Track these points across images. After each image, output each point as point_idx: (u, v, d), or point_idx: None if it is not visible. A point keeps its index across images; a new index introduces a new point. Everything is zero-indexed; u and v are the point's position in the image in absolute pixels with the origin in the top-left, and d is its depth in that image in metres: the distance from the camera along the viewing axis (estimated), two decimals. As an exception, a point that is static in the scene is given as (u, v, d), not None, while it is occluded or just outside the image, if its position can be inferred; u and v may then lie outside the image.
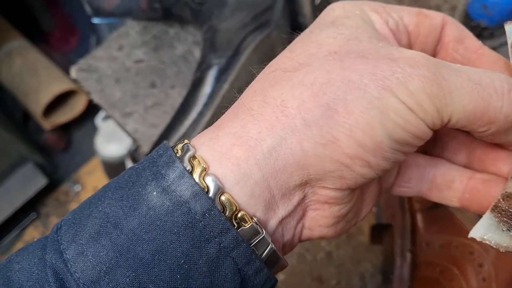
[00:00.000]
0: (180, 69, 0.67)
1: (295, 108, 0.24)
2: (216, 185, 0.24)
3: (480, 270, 0.43)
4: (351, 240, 0.57)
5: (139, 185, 0.24)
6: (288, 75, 0.25)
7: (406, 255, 0.47)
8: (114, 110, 0.65)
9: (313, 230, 0.28)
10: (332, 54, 0.25)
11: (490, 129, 0.25)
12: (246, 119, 0.25)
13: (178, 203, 0.23)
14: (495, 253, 0.44)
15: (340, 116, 0.24)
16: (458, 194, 0.30)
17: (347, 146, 0.24)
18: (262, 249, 0.25)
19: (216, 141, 0.25)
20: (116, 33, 0.71)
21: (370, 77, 0.24)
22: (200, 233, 0.23)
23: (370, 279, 0.55)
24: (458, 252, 0.44)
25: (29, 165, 1.48)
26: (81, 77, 0.68)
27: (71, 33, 1.70)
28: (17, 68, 1.53)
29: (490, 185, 0.29)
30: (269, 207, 0.25)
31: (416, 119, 0.24)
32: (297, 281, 0.56)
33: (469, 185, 0.29)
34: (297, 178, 0.25)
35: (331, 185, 0.26)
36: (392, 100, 0.23)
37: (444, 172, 0.30)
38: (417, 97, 0.23)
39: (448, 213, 0.46)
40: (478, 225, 0.26)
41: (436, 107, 0.24)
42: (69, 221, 0.25)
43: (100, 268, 0.23)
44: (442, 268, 0.45)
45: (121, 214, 0.23)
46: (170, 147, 0.25)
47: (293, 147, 0.24)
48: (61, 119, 1.60)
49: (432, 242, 0.46)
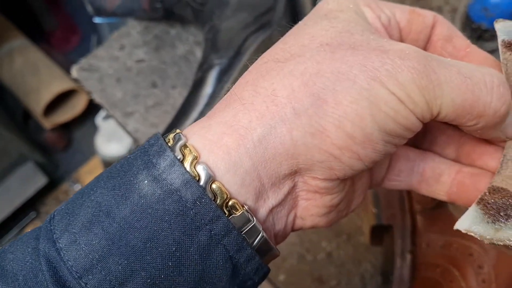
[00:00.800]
0: (181, 69, 0.67)
1: (285, 98, 0.24)
2: (207, 173, 0.24)
3: (480, 272, 0.43)
4: (352, 240, 0.57)
5: (131, 174, 0.24)
6: (280, 65, 0.25)
7: (406, 256, 0.47)
8: (115, 110, 0.65)
9: (305, 219, 0.28)
10: (323, 46, 0.25)
11: (479, 124, 0.25)
12: (237, 108, 0.25)
13: (169, 191, 0.23)
14: (495, 255, 0.44)
15: (329, 107, 0.24)
16: (446, 188, 0.30)
17: (336, 137, 0.24)
18: (253, 237, 0.25)
19: (207, 130, 0.25)
20: (117, 33, 0.71)
21: (360, 68, 0.24)
22: (191, 220, 0.23)
23: (370, 280, 0.55)
24: (458, 253, 0.45)
25: (29, 164, 1.48)
26: (82, 76, 0.68)
27: (72, 32, 1.70)
28: (18, 67, 1.53)
29: (478, 179, 0.29)
30: (259, 196, 0.25)
31: (406, 110, 0.24)
32: (297, 281, 0.56)
33: (456, 179, 0.30)
34: (286, 167, 0.25)
35: (320, 175, 0.26)
36: (382, 91, 0.23)
37: (433, 166, 0.30)
38: (407, 88, 0.23)
39: (448, 214, 0.46)
40: (464, 217, 0.27)
41: (426, 99, 0.24)
42: (62, 211, 0.25)
43: (93, 256, 0.23)
44: (442, 269, 0.45)
45: (113, 203, 0.24)
46: (161, 136, 0.25)
47: (282, 136, 0.24)
48: (61, 118, 1.60)
49: (432, 243, 0.46)
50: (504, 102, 0.25)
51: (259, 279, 0.26)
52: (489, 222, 0.26)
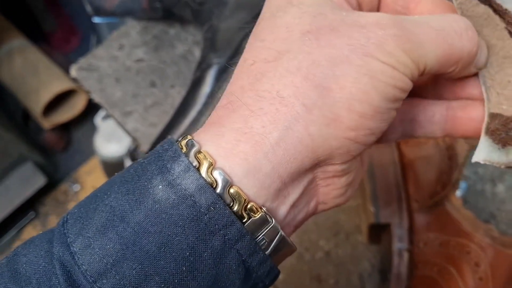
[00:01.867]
0: (180, 68, 0.67)
1: (292, 96, 0.24)
2: (224, 178, 0.24)
3: (477, 270, 0.44)
4: (350, 239, 0.57)
5: (145, 179, 0.24)
6: (272, 65, 0.25)
7: (403, 254, 0.47)
8: (114, 109, 0.66)
9: (327, 203, 0.29)
10: (306, 35, 0.25)
11: (457, 67, 0.27)
12: (246, 115, 0.25)
13: (183, 197, 0.23)
14: (492, 252, 0.44)
15: (335, 93, 0.24)
16: (440, 126, 0.31)
17: (349, 119, 0.25)
18: (272, 236, 0.25)
19: (220, 137, 0.25)
20: (117, 33, 0.71)
21: (349, 48, 0.25)
22: (205, 226, 0.23)
23: (368, 278, 0.55)
24: (455, 251, 0.45)
25: (29, 164, 1.48)
26: (81, 76, 0.69)
27: (72, 33, 1.71)
28: (17, 67, 1.53)
29: (468, 110, 0.30)
30: (279, 195, 0.26)
31: (400, 74, 0.25)
32: (296, 281, 0.56)
33: (449, 115, 0.31)
34: (308, 164, 0.25)
35: (339, 161, 0.26)
36: (376, 63, 0.24)
37: (423, 110, 0.31)
38: (395, 55, 0.25)
39: (445, 212, 0.46)
40: (478, 150, 0.28)
41: (412, 59, 0.25)
42: (75, 215, 0.25)
43: (107, 260, 0.23)
44: (439, 267, 0.45)
45: (127, 208, 0.24)
46: (175, 141, 0.25)
47: (299, 134, 0.24)
48: (60, 119, 1.60)
49: (429, 241, 0.47)
50: (474, 43, 0.27)
51: (269, 281, 0.27)
52: (500, 148, 0.28)
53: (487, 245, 0.44)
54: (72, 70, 0.69)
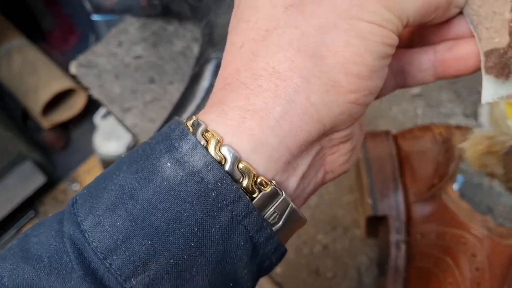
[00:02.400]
0: (178, 65, 0.68)
1: (288, 70, 0.25)
2: (233, 154, 0.24)
3: (474, 260, 0.44)
4: (347, 233, 0.57)
5: (153, 157, 0.25)
6: (262, 44, 0.26)
7: (401, 246, 0.48)
8: (113, 105, 0.66)
9: (334, 171, 0.29)
10: (289, 9, 0.26)
11: (438, 13, 0.28)
12: (246, 93, 0.25)
13: (191, 173, 0.24)
14: (488, 244, 0.44)
15: (330, 60, 0.25)
16: (430, 72, 0.31)
17: (347, 83, 0.25)
18: (283, 209, 0.26)
19: (224, 115, 0.25)
20: (116, 30, 0.72)
21: (334, 14, 0.25)
22: (213, 201, 0.24)
23: (366, 272, 0.55)
24: (452, 242, 0.45)
25: (28, 163, 1.48)
26: (80, 72, 0.69)
27: (70, 32, 1.71)
28: (16, 66, 1.53)
29: (456, 49, 0.30)
30: (289, 167, 0.26)
31: (387, 31, 0.25)
32: (294, 274, 0.56)
33: (437, 59, 0.31)
34: (315, 134, 0.26)
35: (343, 126, 0.27)
36: (363, 24, 0.25)
37: (410, 59, 0.31)
38: (379, 13, 0.25)
39: (442, 204, 0.47)
40: (484, 91, 0.28)
41: (396, 15, 0.26)
42: (84, 195, 0.25)
43: (117, 237, 0.23)
44: (436, 258, 0.46)
45: (136, 186, 0.24)
46: (182, 121, 0.26)
47: (302, 105, 0.25)
48: (60, 118, 1.60)
49: (426, 233, 0.47)
50: None
51: (277, 259, 0.27)
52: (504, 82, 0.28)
53: (483, 236, 0.44)
54: (72, 66, 0.69)
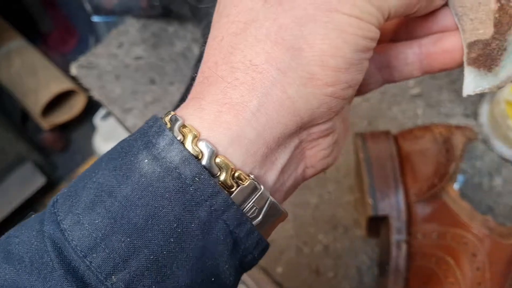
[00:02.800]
0: (179, 66, 0.68)
1: (265, 63, 0.25)
2: (210, 149, 0.24)
3: (474, 260, 0.44)
4: (348, 233, 0.58)
5: (131, 154, 0.25)
6: (241, 37, 0.26)
7: (402, 246, 0.48)
8: (114, 106, 0.66)
9: (315, 166, 0.29)
10: (268, 1, 0.26)
11: (421, 5, 0.27)
12: (223, 87, 0.25)
13: (168, 169, 0.24)
14: (489, 243, 0.45)
15: (307, 52, 0.25)
16: (416, 66, 0.31)
17: (325, 75, 0.25)
18: (262, 203, 0.26)
19: (201, 110, 0.25)
20: (116, 31, 0.72)
21: (313, 7, 0.25)
22: (191, 197, 0.24)
23: (367, 271, 0.55)
24: (453, 242, 0.45)
25: (28, 165, 1.48)
26: (81, 73, 0.69)
27: (69, 34, 1.71)
28: (16, 68, 1.53)
29: (441, 43, 0.30)
30: (266, 161, 0.26)
31: (367, 24, 0.25)
32: (295, 274, 0.56)
33: (422, 53, 0.31)
34: (292, 127, 0.26)
35: (322, 119, 0.27)
36: (342, 17, 0.25)
37: (395, 54, 0.31)
38: (359, 5, 0.25)
39: (443, 204, 0.47)
40: (466, 82, 0.28)
41: (376, 7, 0.25)
42: (64, 195, 0.25)
43: (96, 235, 0.23)
44: (437, 258, 0.46)
45: (115, 183, 0.24)
46: (160, 118, 0.26)
47: (278, 98, 0.25)
48: (59, 119, 1.60)
49: (427, 233, 0.47)
50: None
51: (258, 254, 0.27)
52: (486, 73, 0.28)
53: (484, 235, 0.45)
54: (72, 68, 0.70)
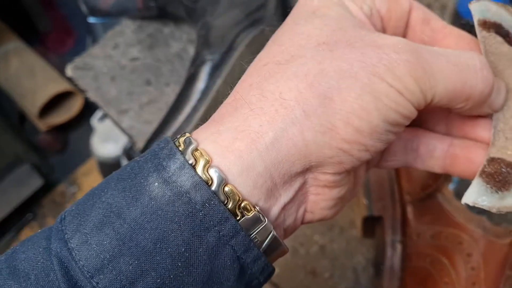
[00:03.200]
0: (174, 67, 0.68)
1: (293, 100, 0.25)
2: (219, 176, 0.24)
3: (469, 260, 0.44)
4: (344, 234, 0.58)
5: (141, 176, 0.25)
6: (282, 67, 0.26)
7: (396, 246, 0.48)
8: (109, 108, 0.66)
9: (314, 213, 0.29)
10: (321, 45, 0.26)
11: (467, 105, 0.27)
12: (246, 113, 0.25)
13: (179, 193, 0.24)
14: (484, 243, 0.45)
15: (336, 104, 0.25)
16: (440, 162, 0.31)
17: (345, 132, 0.25)
18: (264, 236, 0.25)
19: (218, 135, 0.26)
20: (112, 32, 0.72)
21: (360, 65, 0.25)
22: (200, 222, 0.24)
23: (362, 272, 0.55)
24: (447, 242, 0.45)
25: (25, 166, 1.48)
26: (77, 75, 0.69)
27: (67, 34, 1.71)
28: (13, 69, 1.53)
29: (469, 151, 0.30)
30: (271, 195, 0.26)
31: (405, 101, 0.25)
32: (291, 275, 0.56)
33: (449, 152, 0.31)
34: (299, 167, 0.26)
35: (331, 170, 0.26)
36: (382, 85, 0.25)
37: (426, 142, 0.32)
38: (404, 81, 0.25)
39: (438, 204, 0.47)
40: (470, 191, 0.28)
41: (421, 88, 0.25)
42: (72, 212, 0.25)
43: (104, 256, 0.23)
44: (432, 258, 0.46)
45: (124, 204, 0.24)
46: (171, 140, 0.26)
47: (294, 137, 0.25)
48: (57, 120, 1.60)
49: (422, 233, 0.47)
50: (488, 84, 0.27)
51: (264, 279, 0.27)
52: (493, 192, 0.28)
53: (479, 235, 0.45)
54: (68, 69, 0.70)
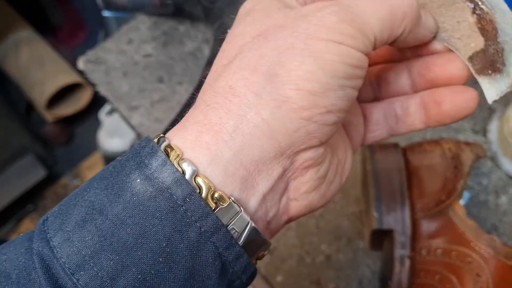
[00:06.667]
0: (188, 65, 0.67)
1: (242, 87, 0.26)
2: (191, 168, 0.25)
3: (478, 280, 0.43)
4: (351, 244, 0.57)
5: (123, 174, 0.25)
6: (227, 67, 0.27)
7: (405, 261, 0.47)
8: (120, 103, 0.66)
9: (298, 199, 0.29)
10: (256, 38, 0.27)
11: (407, 27, 0.28)
12: (204, 110, 0.27)
13: (160, 189, 0.24)
14: (494, 264, 0.44)
15: (283, 77, 0.25)
16: (417, 116, 0.32)
17: (300, 99, 0.25)
18: (242, 227, 0.26)
19: (184, 131, 0.27)
20: (126, 27, 0.72)
21: (292, 35, 0.26)
22: (181, 217, 0.24)
23: (368, 285, 0.55)
24: (457, 260, 0.45)
25: (30, 157, 1.48)
26: (88, 68, 0.69)
27: (79, 28, 1.71)
28: (24, 58, 1.53)
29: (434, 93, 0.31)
30: (247, 185, 0.26)
31: (348, 49, 0.26)
32: (296, 284, 0.56)
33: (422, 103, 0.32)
34: (270, 150, 0.26)
35: (304, 146, 0.27)
36: (320, 43, 0.25)
37: (400, 104, 0.33)
38: (338, 29, 0.26)
39: (449, 221, 0.46)
40: (485, 92, 0.30)
41: (357, 29, 0.26)
42: (55, 213, 0.25)
43: (85, 252, 0.23)
44: (441, 276, 0.45)
45: (106, 201, 0.24)
46: (152, 139, 0.27)
47: (254, 120, 0.26)
48: (64, 112, 1.60)
49: (432, 249, 0.46)
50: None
51: (247, 279, 0.27)
52: (497, 76, 0.29)
53: (489, 255, 0.44)
54: (80, 62, 0.69)
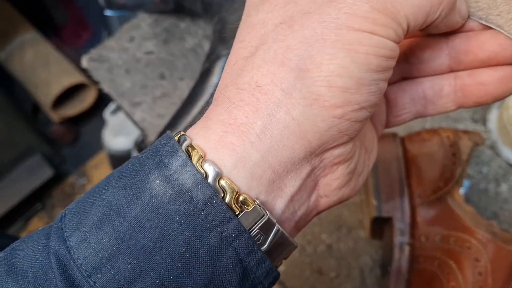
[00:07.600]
0: (189, 61, 0.68)
1: (270, 84, 0.24)
2: (214, 170, 0.24)
3: (477, 265, 0.44)
4: (352, 234, 0.57)
5: (142, 174, 0.24)
6: (250, 60, 0.25)
7: (404, 248, 0.48)
8: (123, 100, 0.67)
9: (329, 196, 0.28)
10: (279, 26, 0.25)
11: (443, 12, 0.26)
12: (228, 107, 0.25)
13: (180, 192, 0.23)
14: (492, 248, 0.44)
15: (313, 73, 0.24)
16: (451, 98, 0.30)
17: (331, 96, 0.24)
18: (268, 231, 0.24)
19: (207, 130, 0.25)
20: (128, 25, 0.73)
21: (322, 25, 0.24)
22: (202, 221, 0.23)
23: (369, 273, 0.55)
24: (456, 246, 0.45)
25: (37, 156, 1.49)
26: (92, 66, 0.70)
27: (83, 28, 1.72)
28: (29, 60, 1.54)
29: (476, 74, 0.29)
30: (274, 187, 0.25)
31: (380, 40, 0.24)
32: (297, 273, 0.56)
33: (457, 85, 0.30)
34: (300, 151, 0.25)
35: (334, 143, 0.25)
36: (351, 34, 0.23)
37: (431, 86, 0.31)
38: (370, 18, 0.23)
39: (447, 207, 0.47)
40: None
41: (391, 17, 0.24)
42: (73, 210, 0.25)
43: (102, 255, 0.23)
44: (440, 261, 0.46)
45: (124, 202, 0.23)
46: (173, 136, 0.25)
47: (283, 119, 0.24)
48: (70, 112, 1.61)
49: (431, 236, 0.47)
50: None
51: (269, 283, 0.26)
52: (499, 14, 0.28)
53: (487, 240, 0.44)
54: (83, 60, 0.70)
